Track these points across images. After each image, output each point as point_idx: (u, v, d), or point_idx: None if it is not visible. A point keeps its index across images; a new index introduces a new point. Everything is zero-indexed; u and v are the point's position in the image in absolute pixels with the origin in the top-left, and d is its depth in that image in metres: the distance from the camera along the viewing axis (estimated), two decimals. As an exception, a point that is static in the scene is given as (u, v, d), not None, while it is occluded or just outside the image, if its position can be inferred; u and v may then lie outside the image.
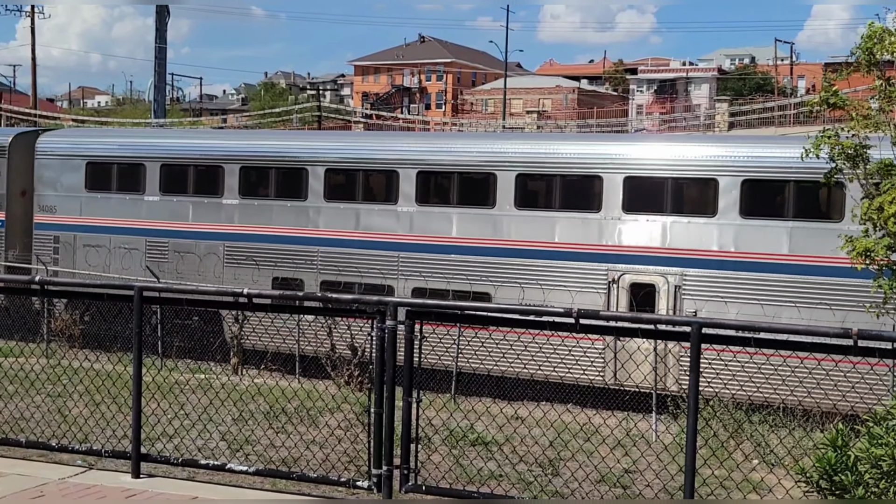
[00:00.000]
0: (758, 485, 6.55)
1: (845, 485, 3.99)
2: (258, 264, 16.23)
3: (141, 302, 6.24)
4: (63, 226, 18.22)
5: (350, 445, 6.80)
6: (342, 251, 15.99)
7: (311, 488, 6.22)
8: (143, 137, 21.26)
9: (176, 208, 17.43)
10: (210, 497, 5.87)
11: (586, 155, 14.94)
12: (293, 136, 26.92)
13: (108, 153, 18.49)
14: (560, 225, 14.73)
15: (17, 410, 7.64)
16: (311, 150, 16.96)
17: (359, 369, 12.70)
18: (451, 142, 18.10)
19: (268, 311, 7.02)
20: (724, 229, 13.75)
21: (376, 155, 16.52)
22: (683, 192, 14.46)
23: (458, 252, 15.26)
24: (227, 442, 7.63)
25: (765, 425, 9.57)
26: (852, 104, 9.13)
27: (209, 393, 7.47)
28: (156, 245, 17.47)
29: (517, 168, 15.15)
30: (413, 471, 5.74)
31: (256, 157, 17.27)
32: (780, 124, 42.87)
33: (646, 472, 6.89)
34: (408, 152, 16.26)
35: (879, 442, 3.99)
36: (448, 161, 15.80)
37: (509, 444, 7.68)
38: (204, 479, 6.34)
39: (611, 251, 14.30)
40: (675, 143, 15.91)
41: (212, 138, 20.84)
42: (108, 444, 6.63)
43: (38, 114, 51.19)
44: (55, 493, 5.85)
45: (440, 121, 63.84)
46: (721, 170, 13.88)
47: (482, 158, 15.52)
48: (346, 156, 16.58)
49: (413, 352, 5.65)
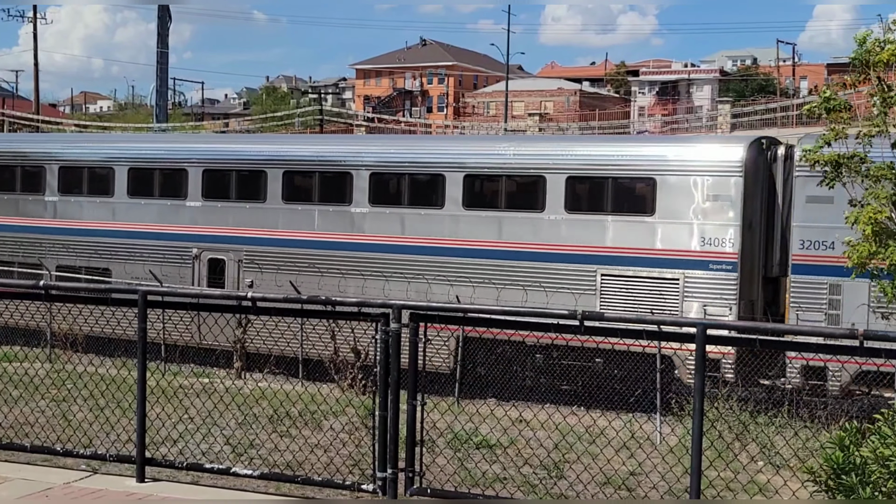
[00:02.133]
0: (764, 487, 6.54)
1: (853, 485, 3.97)
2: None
3: (145, 305, 6.24)
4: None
5: (354, 449, 6.78)
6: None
7: (316, 492, 6.20)
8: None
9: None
10: (215, 500, 5.87)
11: (337, 153, 16.43)
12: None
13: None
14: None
15: (22, 415, 7.64)
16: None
17: (362, 372, 12.69)
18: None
19: (272, 315, 7.01)
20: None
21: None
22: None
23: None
24: (231, 446, 7.62)
25: (771, 427, 9.54)
26: (849, 109, 9.15)
27: (213, 397, 7.46)
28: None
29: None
30: (418, 474, 5.73)
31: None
32: (782, 125, 42.87)
33: (651, 475, 6.87)
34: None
35: (888, 442, 3.97)
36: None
37: (514, 446, 7.66)
38: (208, 482, 6.33)
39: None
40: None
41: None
42: (113, 448, 6.63)
43: (41, 119, 51.29)
44: (60, 498, 5.85)
45: (442, 124, 63.90)
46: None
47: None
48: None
49: (417, 354, 5.64)
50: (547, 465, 7.31)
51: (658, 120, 60.05)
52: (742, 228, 13.44)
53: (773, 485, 6.84)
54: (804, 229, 13.03)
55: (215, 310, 6.82)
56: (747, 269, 13.65)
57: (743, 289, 13.51)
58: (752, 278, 13.84)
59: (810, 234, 12.95)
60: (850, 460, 3.98)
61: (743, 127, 44.57)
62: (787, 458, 6.98)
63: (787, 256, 13.52)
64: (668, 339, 5.91)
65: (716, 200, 13.52)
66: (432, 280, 14.81)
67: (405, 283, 14.62)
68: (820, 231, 12.83)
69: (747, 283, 13.67)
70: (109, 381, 7.42)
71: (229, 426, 7.88)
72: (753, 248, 13.83)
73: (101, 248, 17.67)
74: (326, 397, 7.79)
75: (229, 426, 7.88)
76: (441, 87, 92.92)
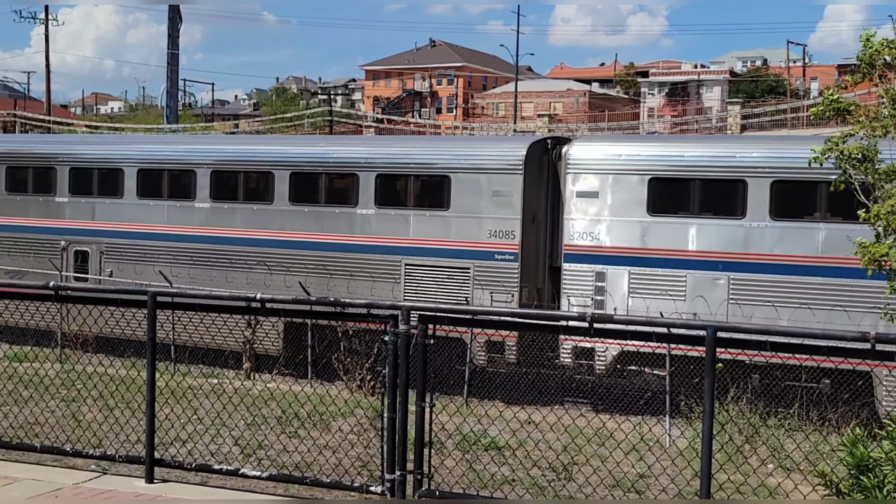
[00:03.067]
0: (775, 490, 6.49)
1: (866, 487, 3.94)
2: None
3: (154, 307, 6.25)
4: None
5: (363, 450, 6.78)
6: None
7: (325, 493, 6.20)
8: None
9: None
10: (223, 500, 5.87)
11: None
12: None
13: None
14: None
15: (32, 415, 7.68)
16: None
17: (370, 373, 12.70)
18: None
19: (281, 316, 7.03)
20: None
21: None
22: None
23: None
24: (239, 447, 7.63)
25: (781, 429, 9.48)
26: (858, 109, 9.08)
27: (222, 398, 7.48)
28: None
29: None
30: (426, 476, 5.72)
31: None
32: (792, 126, 42.65)
33: (660, 477, 6.83)
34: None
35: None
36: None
37: (522, 448, 7.64)
38: (217, 483, 6.33)
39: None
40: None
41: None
42: (122, 448, 6.65)
43: (52, 120, 51.60)
44: (70, 498, 5.86)
45: (451, 125, 63.89)
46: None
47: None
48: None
49: (426, 356, 5.63)
50: (556, 467, 7.29)
51: (668, 121, 59.85)
52: (524, 222, 14.56)
53: (784, 488, 6.80)
54: (573, 221, 14.24)
55: (224, 311, 6.82)
56: (530, 259, 14.82)
57: (525, 277, 14.64)
58: (537, 267, 15.02)
59: (579, 225, 14.14)
60: (865, 462, 3.95)
61: (753, 128, 44.36)
62: (798, 461, 6.93)
63: None
64: (677, 340, 5.87)
65: (501, 196, 14.70)
66: (274, 270, 16.08)
67: (246, 273, 16.15)
68: (587, 223, 14.07)
69: (531, 272, 14.82)
70: (119, 382, 7.44)
71: (238, 427, 7.89)
72: (538, 239, 15.01)
73: None
74: (335, 398, 7.79)
75: (238, 427, 7.89)
76: (450, 88, 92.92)
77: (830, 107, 9.02)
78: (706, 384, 5.09)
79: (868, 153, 8.66)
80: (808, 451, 6.80)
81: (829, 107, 9.04)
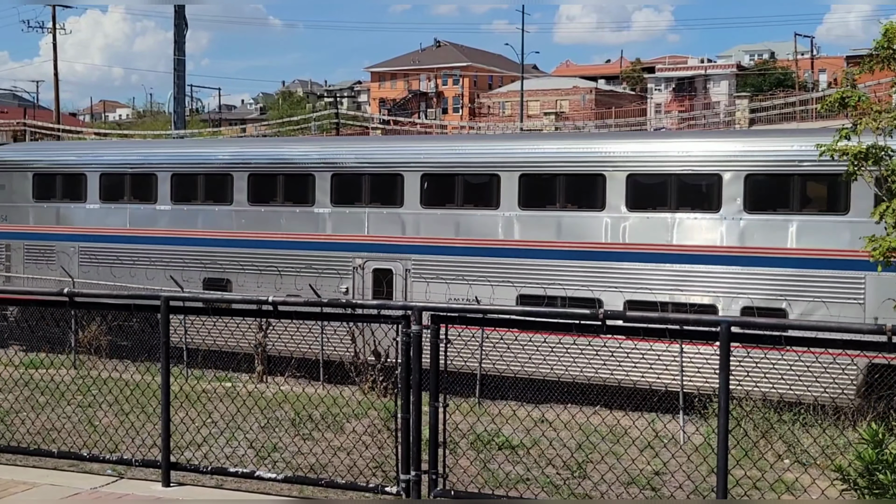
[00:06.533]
0: (792, 485, 6.46)
1: (884, 483, 3.91)
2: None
3: (168, 311, 6.27)
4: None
5: (377, 451, 6.78)
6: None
7: (339, 494, 6.21)
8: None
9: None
10: (239, 502, 5.89)
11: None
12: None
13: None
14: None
15: (49, 421, 7.72)
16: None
17: (383, 374, 12.70)
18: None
19: (293, 318, 7.04)
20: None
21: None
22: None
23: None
24: (254, 449, 7.65)
25: (797, 425, 9.43)
26: (867, 103, 9.02)
27: (236, 401, 7.50)
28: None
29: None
30: (441, 476, 5.71)
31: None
32: (801, 119, 42.41)
33: (676, 474, 6.81)
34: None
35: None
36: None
37: (537, 447, 7.62)
38: (232, 486, 6.36)
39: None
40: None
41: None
42: (138, 453, 6.67)
43: (61, 128, 51.86)
44: (88, 502, 5.90)
45: (457, 125, 63.84)
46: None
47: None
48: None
49: (439, 356, 5.63)
50: (570, 465, 7.27)
51: (675, 116, 59.63)
52: None
53: (801, 483, 6.76)
54: None
55: (236, 314, 6.84)
56: None
57: None
58: None
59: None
60: (882, 458, 3.92)
61: (762, 122, 44.14)
62: (815, 456, 6.89)
63: None
64: (690, 336, 5.84)
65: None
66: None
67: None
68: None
69: None
70: (134, 387, 7.48)
71: (252, 430, 7.91)
72: None
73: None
74: (348, 400, 7.80)
75: (252, 430, 7.91)
76: (456, 89, 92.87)
77: (838, 100, 8.98)
78: (720, 380, 5.07)
79: (872, 151, 8.61)
80: (825, 446, 6.75)
81: (837, 100, 9.00)
